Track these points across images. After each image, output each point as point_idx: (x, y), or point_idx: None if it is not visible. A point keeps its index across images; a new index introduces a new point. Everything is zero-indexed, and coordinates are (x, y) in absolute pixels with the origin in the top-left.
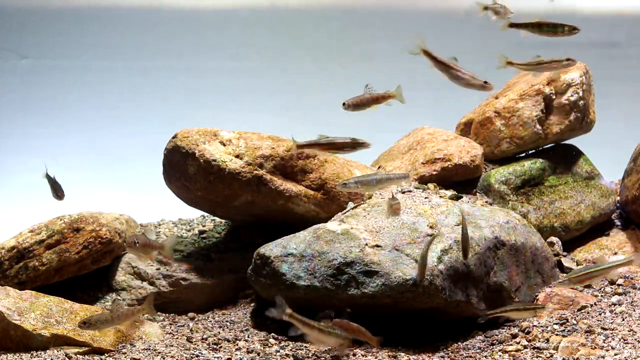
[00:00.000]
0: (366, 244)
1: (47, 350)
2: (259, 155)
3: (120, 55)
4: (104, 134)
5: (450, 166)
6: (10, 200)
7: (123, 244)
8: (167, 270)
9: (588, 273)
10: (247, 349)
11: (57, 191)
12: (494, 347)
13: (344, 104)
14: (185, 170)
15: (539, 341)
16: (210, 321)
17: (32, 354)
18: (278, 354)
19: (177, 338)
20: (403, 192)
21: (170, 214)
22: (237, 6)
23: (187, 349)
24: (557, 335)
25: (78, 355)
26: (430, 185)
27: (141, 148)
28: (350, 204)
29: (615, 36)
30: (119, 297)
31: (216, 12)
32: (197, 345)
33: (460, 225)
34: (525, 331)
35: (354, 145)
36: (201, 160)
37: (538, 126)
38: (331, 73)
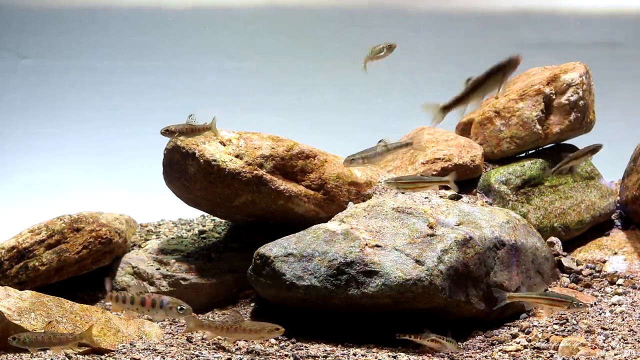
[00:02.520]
0: (366, 244)
1: (47, 350)
2: (259, 155)
3: (120, 55)
4: (104, 134)
5: (450, 166)
6: (10, 200)
7: (123, 244)
8: (167, 270)
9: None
10: (247, 349)
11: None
12: (494, 347)
13: (166, 131)
14: (185, 170)
15: (539, 341)
16: None
17: (32, 354)
18: (278, 354)
19: (177, 338)
20: (403, 192)
21: (170, 214)
22: (237, 6)
23: (187, 349)
24: (557, 335)
25: (78, 355)
26: None
27: (141, 148)
28: (351, 204)
29: (615, 36)
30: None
31: (216, 12)
32: (197, 345)
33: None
34: (525, 331)
35: None
36: (201, 160)
37: (538, 126)
38: (331, 73)
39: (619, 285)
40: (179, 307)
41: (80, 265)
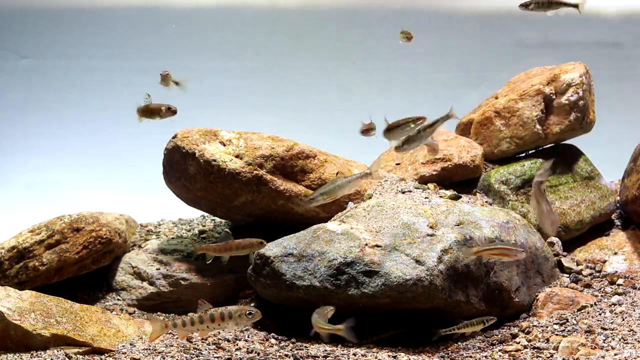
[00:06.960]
0: (366, 244)
1: (47, 350)
2: (259, 155)
3: (120, 55)
4: (104, 134)
5: (450, 166)
6: (10, 200)
7: (123, 244)
8: (167, 270)
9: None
10: (247, 349)
11: None
12: (494, 347)
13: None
14: (185, 170)
15: (539, 341)
16: None
17: (32, 354)
18: (278, 354)
19: (177, 338)
20: (403, 192)
21: (170, 214)
22: (237, 6)
23: (187, 349)
24: (557, 335)
25: (78, 355)
26: (430, 185)
27: (141, 148)
28: (351, 204)
29: (616, 36)
30: (119, 298)
31: (216, 12)
32: (197, 345)
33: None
34: (525, 331)
35: None
36: (201, 160)
37: (538, 126)
38: (331, 73)
39: (619, 285)
40: (247, 313)
41: (80, 265)
